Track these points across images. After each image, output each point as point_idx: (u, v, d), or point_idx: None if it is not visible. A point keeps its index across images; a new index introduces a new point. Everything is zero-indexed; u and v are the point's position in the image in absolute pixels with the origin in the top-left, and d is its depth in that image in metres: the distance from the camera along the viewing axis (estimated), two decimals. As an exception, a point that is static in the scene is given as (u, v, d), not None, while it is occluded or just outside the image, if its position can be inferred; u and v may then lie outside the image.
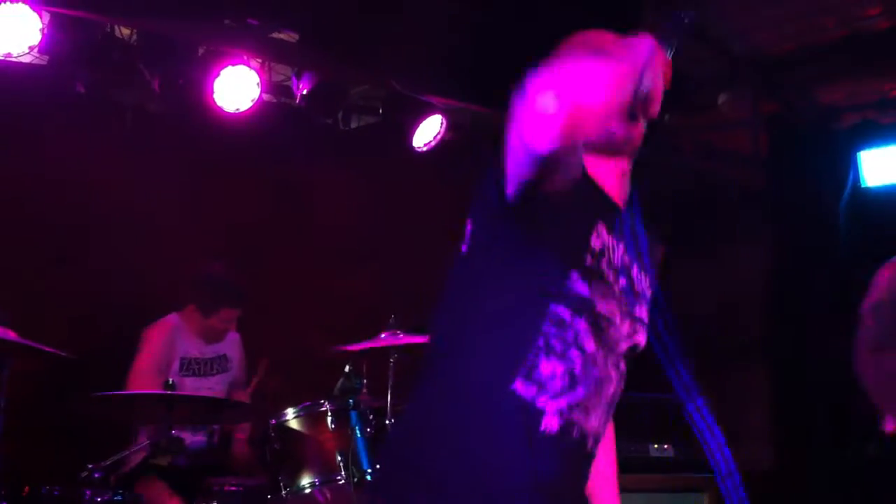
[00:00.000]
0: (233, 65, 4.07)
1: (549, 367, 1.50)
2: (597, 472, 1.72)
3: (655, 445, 3.89)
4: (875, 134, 4.53)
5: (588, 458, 1.59)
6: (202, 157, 4.42)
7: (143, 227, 4.25)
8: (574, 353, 1.52)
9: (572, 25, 1.75)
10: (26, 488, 3.07)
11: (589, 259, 1.53)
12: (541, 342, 1.50)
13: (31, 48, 3.65)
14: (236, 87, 4.10)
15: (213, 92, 4.07)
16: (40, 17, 3.62)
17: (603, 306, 1.54)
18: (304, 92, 4.26)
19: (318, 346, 3.92)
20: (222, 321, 3.92)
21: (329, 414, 3.23)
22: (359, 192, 4.74)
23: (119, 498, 3.15)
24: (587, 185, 1.60)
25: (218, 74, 4.06)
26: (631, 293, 1.61)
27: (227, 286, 3.90)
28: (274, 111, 4.54)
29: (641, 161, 1.70)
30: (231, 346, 4.05)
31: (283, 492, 3.21)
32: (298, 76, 4.30)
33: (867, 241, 4.55)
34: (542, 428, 1.50)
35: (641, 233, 1.70)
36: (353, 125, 4.98)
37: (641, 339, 1.66)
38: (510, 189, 1.47)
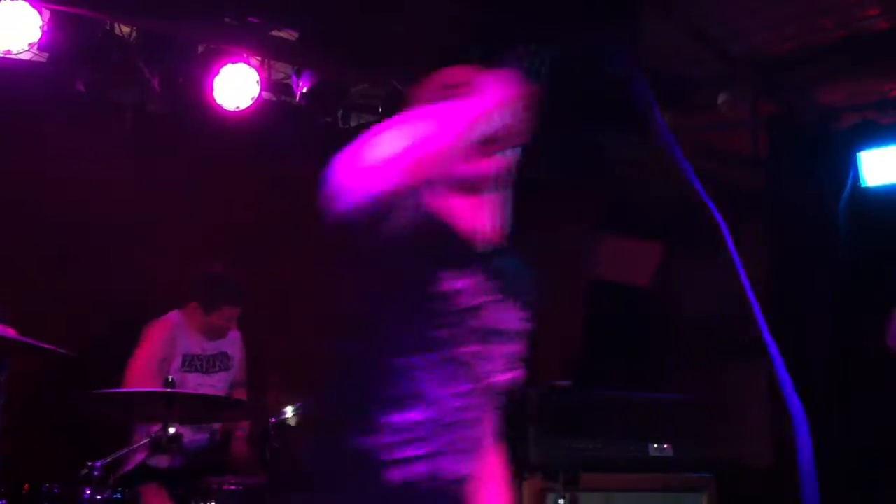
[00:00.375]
0: (232, 63, 4.07)
1: (413, 414, 1.50)
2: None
3: (654, 445, 3.88)
4: (875, 134, 4.53)
5: (457, 500, 1.59)
6: (202, 154, 4.43)
7: (142, 226, 4.25)
8: (439, 396, 1.52)
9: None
10: (26, 486, 3.08)
11: (437, 304, 1.53)
12: (404, 389, 1.51)
13: (30, 45, 3.65)
14: (236, 86, 4.10)
15: (212, 90, 4.07)
16: (40, 14, 3.63)
17: (466, 348, 1.54)
18: (304, 90, 4.27)
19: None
20: (223, 319, 3.93)
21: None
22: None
23: (118, 496, 3.15)
24: (440, 228, 1.59)
25: (218, 73, 4.06)
26: (497, 332, 1.61)
27: (228, 284, 3.91)
28: (274, 109, 4.55)
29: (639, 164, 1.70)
30: (232, 344, 4.06)
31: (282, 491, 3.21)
32: (298, 74, 4.30)
33: (867, 240, 4.56)
34: (408, 474, 1.50)
35: (518, 268, 1.71)
36: (353, 124, 4.98)
37: (518, 374, 1.66)
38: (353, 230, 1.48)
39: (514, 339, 1.67)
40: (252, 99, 4.14)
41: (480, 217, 1.64)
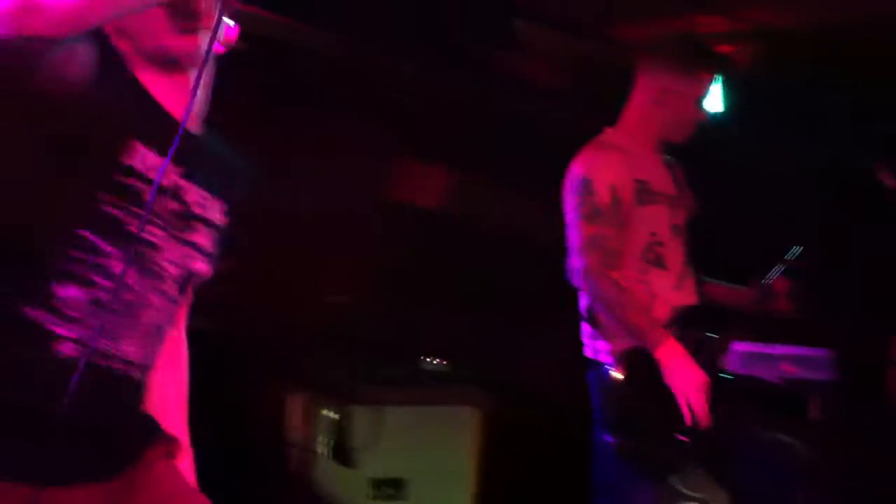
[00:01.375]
0: None
1: (68, 293, 1.45)
2: (164, 396, 1.73)
3: (427, 359, 4.02)
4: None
5: (125, 384, 1.57)
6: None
7: None
8: (100, 279, 1.47)
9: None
10: None
11: (121, 178, 1.46)
12: (62, 267, 1.45)
13: None
14: None
15: None
16: None
17: (146, 229, 1.50)
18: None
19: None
20: None
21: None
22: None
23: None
24: (130, 96, 1.53)
25: None
26: (185, 217, 1.58)
27: None
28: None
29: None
30: None
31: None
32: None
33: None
34: (56, 353, 1.45)
35: (222, 158, 1.70)
36: None
37: (201, 266, 1.64)
38: None
39: (205, 229, 1.62)
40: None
41: (175, 97, 1.57)
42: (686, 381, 2.68)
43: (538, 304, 5.12)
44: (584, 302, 2.96)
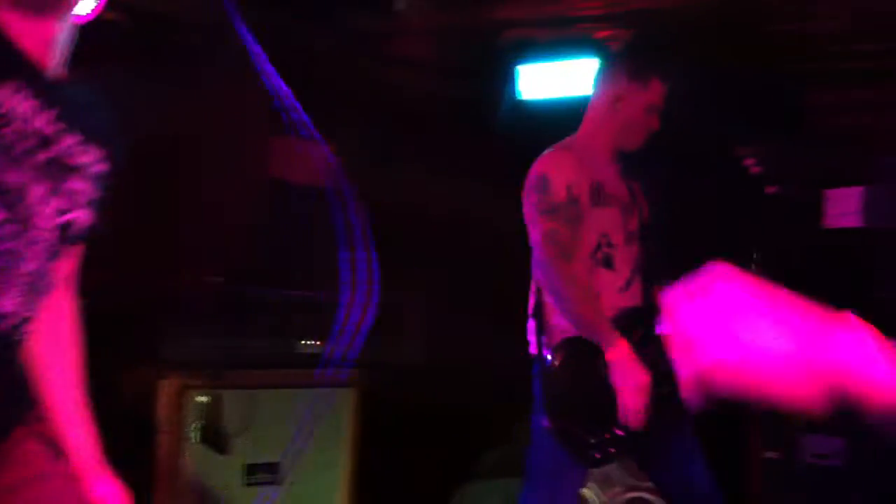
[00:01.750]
0: None
1: None
2: (49, 361, 1.69)
3: (303, 342, 3.95)
4: (533, 50, 4.73)
5: (5, 340, 1.53)
6: None
7: None
8: None
9: None
10: None
11: None
12: None
13: None
14: None
15: None
16: None
17: (8, 177, 1.45)
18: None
19: None
20: None
21: None
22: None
23: None
24: None
25: None
26: (57, 163, 1.54)
27: None
28: None
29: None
30: None
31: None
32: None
33: (523, 150, 4.79)
34: None
35: (90, 104, 1.64)
36: None
37: (80, 214, 1.59)
38: None
39: (80, 176, 1.58)
40: None
41: (38, 43, 1.51)
42: (630, 383, 2.75)
43: (415, 283, 5.12)
44: (531, 299, 3.01)
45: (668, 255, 3.17)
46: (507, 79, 4.75)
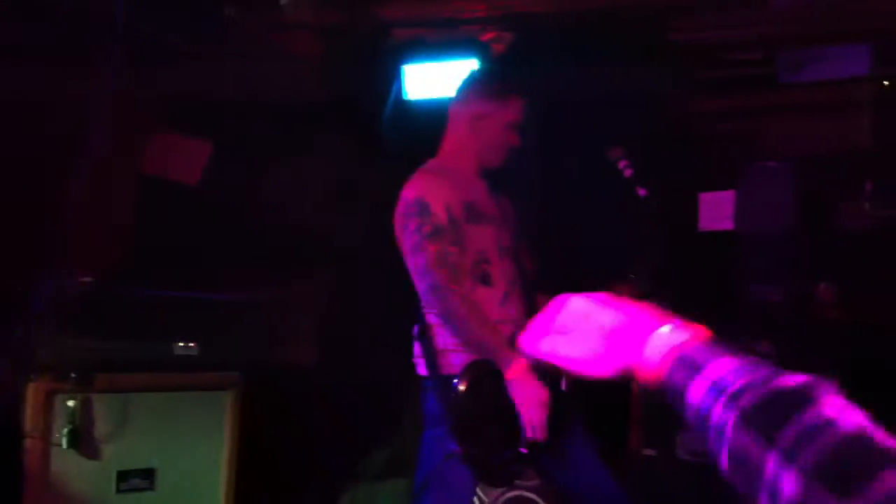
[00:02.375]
0: None
1: None
2: None
3: (180, 344, 3.85)
4: (421, 50, 4.72)
5: None
6: None
7: None
8: None
9: None
10: None
11: None
12: None
13: None
14: None
15: None
16: None
17: None
18: None
19: None
20: None
21: None
22: None
23: None
24: None
25: None
26: None
27: None
28: None
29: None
30: None
31: None
32: None
33: (407, 148, 4.78)
34: None
35: None
36: None
37: None
38: None
39: None
40: None
41: None
42: (531, 399, 2.78)
43: (292, 284, 5.06)
44: (419, 325, 3.01)
45: (542, 267, 3.21)
46: (393, 78, 4.73)
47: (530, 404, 2.77)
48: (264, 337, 4.28)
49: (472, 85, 3.15)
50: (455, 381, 2.82)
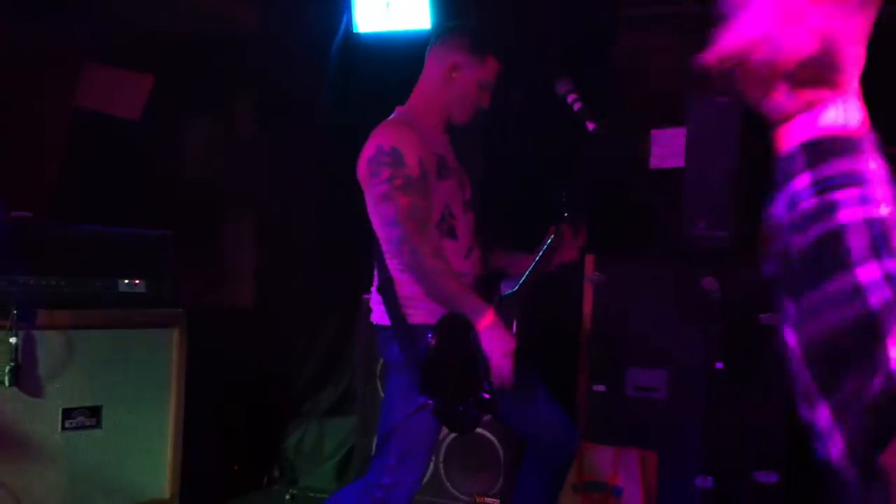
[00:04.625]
0: None
1: None
2: None
3: (126, 280, 3.79)
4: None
5: None
6: None
7: None
8: None
9: None
10: None
11: None
12: None
13: None
14: None
15: None
16: None
17: None
18: None
19: None
20: None
21: None
22: None
23: None
24: None
25: None
26: None
27: None
28: None
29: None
30: None
31: None
32: None
33: (355, 86, 4.71)
34: None
35: None
36: None
37: None
38: None
39: None
40: None
41: None
42: (500, 348, 2.83)
43: (234, 221, 5.00)
44: (379, 274, 2.98)
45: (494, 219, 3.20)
46: (343, 11, 4.63)
47: (500, 354, 2.83)
48: (205, 275, 4.24)
49: (453, 35, 3.09)
50: (428, 334, 2.84)
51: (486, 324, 2.83)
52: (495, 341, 2.83)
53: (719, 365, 3.62)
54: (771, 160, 0.90)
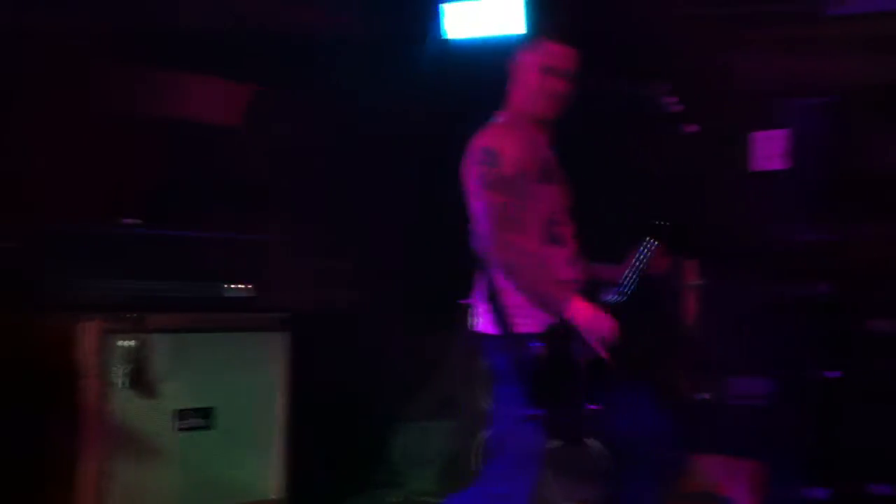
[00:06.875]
0: None
1: None
2: None
3: (231, 285, 3.89)
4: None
5: None
6: None
7: None
8: None
9: None
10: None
11: None
12: None
13: None
14: None
15: None
16: None
17: None
18: None
19: None
20: None
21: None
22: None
23: None
24: None
25: None
26: None
27: None
28: None
29: None
30: None
31: None
32: None
33: (449, 90, 4.72)
34: None
35: None
36: None
37: None
38: None
39: None
40: None
41: None
42: (598, 327, 2.82)
43: (341, 228, 5.07)
44: (482, 284, 2.98)
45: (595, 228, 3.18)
46: (432, 17, 4.66)
47: (595, 325, 2.81)
48: (311, 279, 4.30)
49: (542, 33, 3.10)
50: (533, 344, 2.85)
51: (574, 309, 2.81)
52: (589, 322, 2.81)
53: (832, 374, 3.53)
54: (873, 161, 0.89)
